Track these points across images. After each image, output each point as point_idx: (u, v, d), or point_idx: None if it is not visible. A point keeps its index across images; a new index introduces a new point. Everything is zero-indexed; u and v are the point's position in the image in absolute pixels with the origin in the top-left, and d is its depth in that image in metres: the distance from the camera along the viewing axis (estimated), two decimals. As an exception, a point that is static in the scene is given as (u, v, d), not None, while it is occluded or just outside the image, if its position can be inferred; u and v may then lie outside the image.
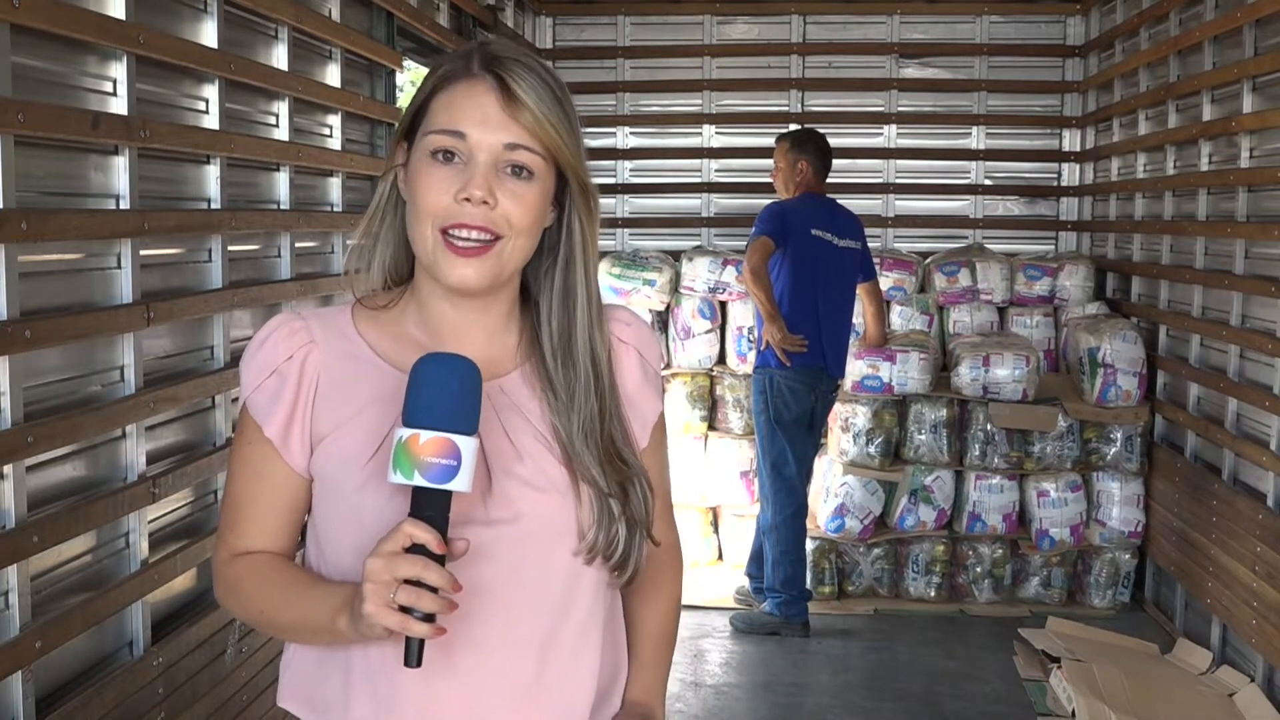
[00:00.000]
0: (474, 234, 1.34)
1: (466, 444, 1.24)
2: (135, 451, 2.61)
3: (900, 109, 6.48)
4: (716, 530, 5.84)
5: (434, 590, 1.21)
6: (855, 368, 5.26)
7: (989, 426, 5.28)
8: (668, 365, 5.77)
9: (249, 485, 1.42)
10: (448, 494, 1.24)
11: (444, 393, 1.25)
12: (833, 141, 5.15)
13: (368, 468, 1.35)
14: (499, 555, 1.36)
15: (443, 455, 1.23)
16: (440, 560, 1.23)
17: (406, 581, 1.21)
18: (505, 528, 1.36)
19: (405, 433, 1.24)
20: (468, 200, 1.32)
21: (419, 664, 1.24)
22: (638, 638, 1.55)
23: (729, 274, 5.76)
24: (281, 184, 3.39)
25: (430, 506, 1.24)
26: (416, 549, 1.22)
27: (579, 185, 1.40)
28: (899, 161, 6.49)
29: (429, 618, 1.22)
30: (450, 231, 1.34)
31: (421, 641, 1.23)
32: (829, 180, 5.08)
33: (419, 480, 1.23)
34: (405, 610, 1.21)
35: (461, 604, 1.29)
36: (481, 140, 1.33)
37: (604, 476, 1.39)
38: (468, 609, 1.32)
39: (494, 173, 1.34)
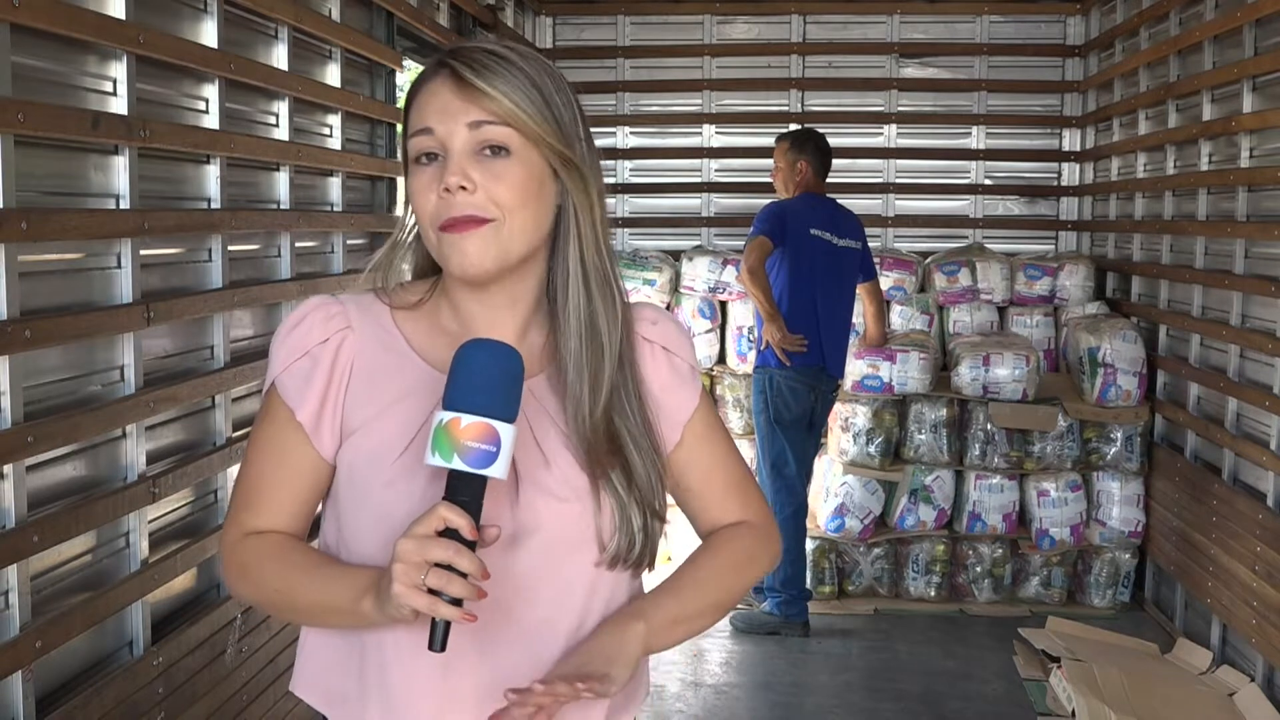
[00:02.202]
0: (462, 222, 1.34)
1: (507, 431, 1.24)
2: (135, 451, 2.61)
3: (900, 109, 6.48)
4: (716, 530, 5.83)
5: (463, 576, 1.21)
6: (855, 367, 5.26)
7: (989, 426, 5.28)
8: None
9: (271, 466, 1.41)
10: (483, 480, 1.24)
11: (488, 377, 1.24)
12: (833, 141, 5.15)
13: (398, 463, 1.34)
14: (520, 561, 1.36)
15: (483, 440, 1.22)
16: (471, 546, 1.22)
17: (437, 565, 1.20)
18: (528, 536, 1.36)
19: (446, 415, 1.23)
20: (448, 191, 1.33)
21: (443, 648, 1.23)
22: (677, 573, 1.47)
23: (729, 274, 5.76)
24: (281, 184, 3.39)
25: (466, 491, 1.23)
26: (449, 533, 1.22)
27: (561, 161, 1.37)
28: (899, 161, 6.49)
29: (456, 603, 1.21)
30: (445, 228, 1.34)
31: (447, 626, 1.23)
32: (829, 180, 5.08)
33: (458, 464, 1.23)
34: (433, 593, 1.20)
35: (479, 608, 1.29)
36: (449, 130, 1.33)
37: (595, 456, 1.37)
38: (485, 613, 1.32)
39: (470, 158, 1.33)
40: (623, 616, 1.40)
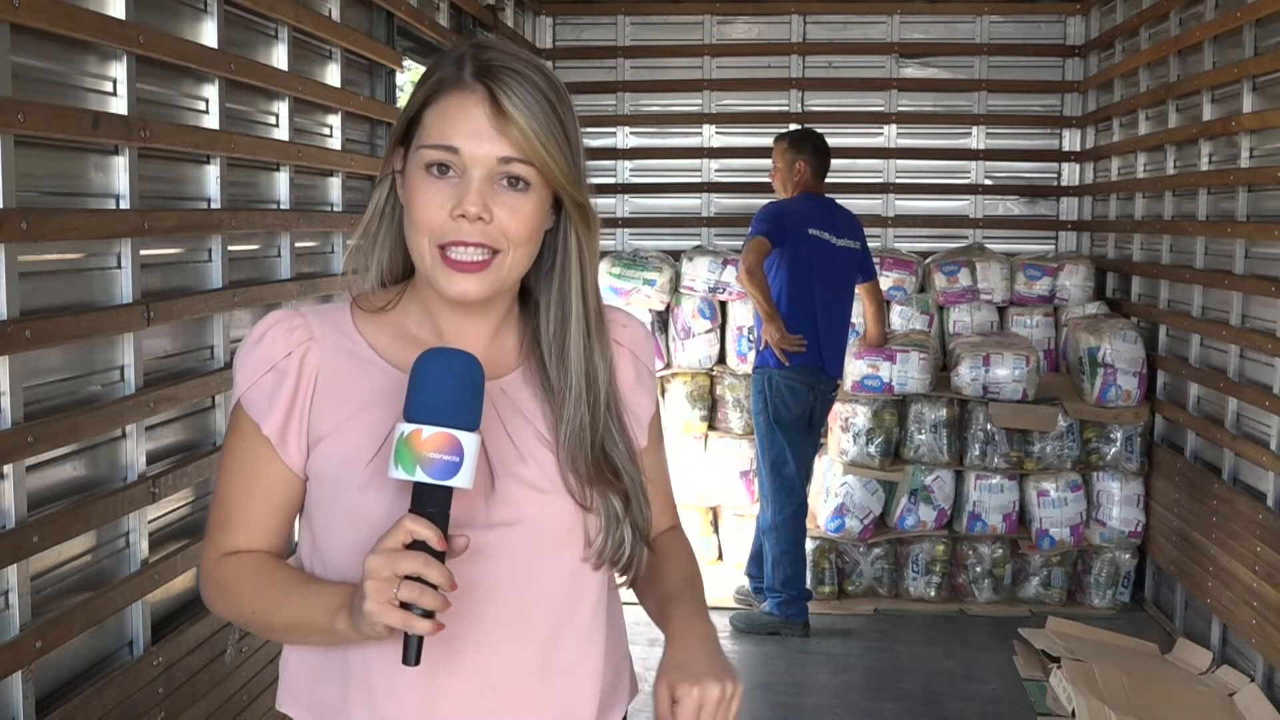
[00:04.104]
0: (471, 250, 1.33)
1: (469, 440, 1.23)
2: (135, 451, 2.61)
3: (900, 109, 6.48)
4: (716, 530, 5.84)
5: (434, 587, 1.21)
6: (855, 367, 5.26)
7: (989, 426, 5.28)
8: (668, 365, 5.77)
9: (242, 484, 1.40)
10: (449, 490, 1.24)
11: (446, 388, 1.24)
12: (833, 141, 5.15)
13: (369, 468, 1.34)
14: (501, 557, 1.35)
15: (445, 451, 1.22)
16: (440, 557, 1.22)
17: (407, 578, 1.20)
18: (507, 530, 1.36)
19: (407, 428, 1.23)
20: (463, 216, 1.31)
21: (418, 662, 1.24)
22: (661, 586, 1.51)
23: (729, 274, 5.76)
24: (281, 184, 3.40)
25: (431, 503, 1.23)
26: (417, 545, 1.21)
27: (572, 203, 1.37)
28: (899, 161, 6.49)
29: (428, 615, 1.21)
30: (448, 248, 1.33)
31: (420, 639, 1.23)
32: (828, 180, 5.08)
33: (421, 476, 1.22)
34: (405, 607, 1.20)
35: (463, 604, 1.28)
36: (475, 154, 1.31)
37: (592, 485, 1.38)
38: (470, 609, 1.32)
39: (489, 186, 1.32)
40: (691, 624, 1.44)
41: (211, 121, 2.97)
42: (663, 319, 5.87)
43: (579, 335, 1.40)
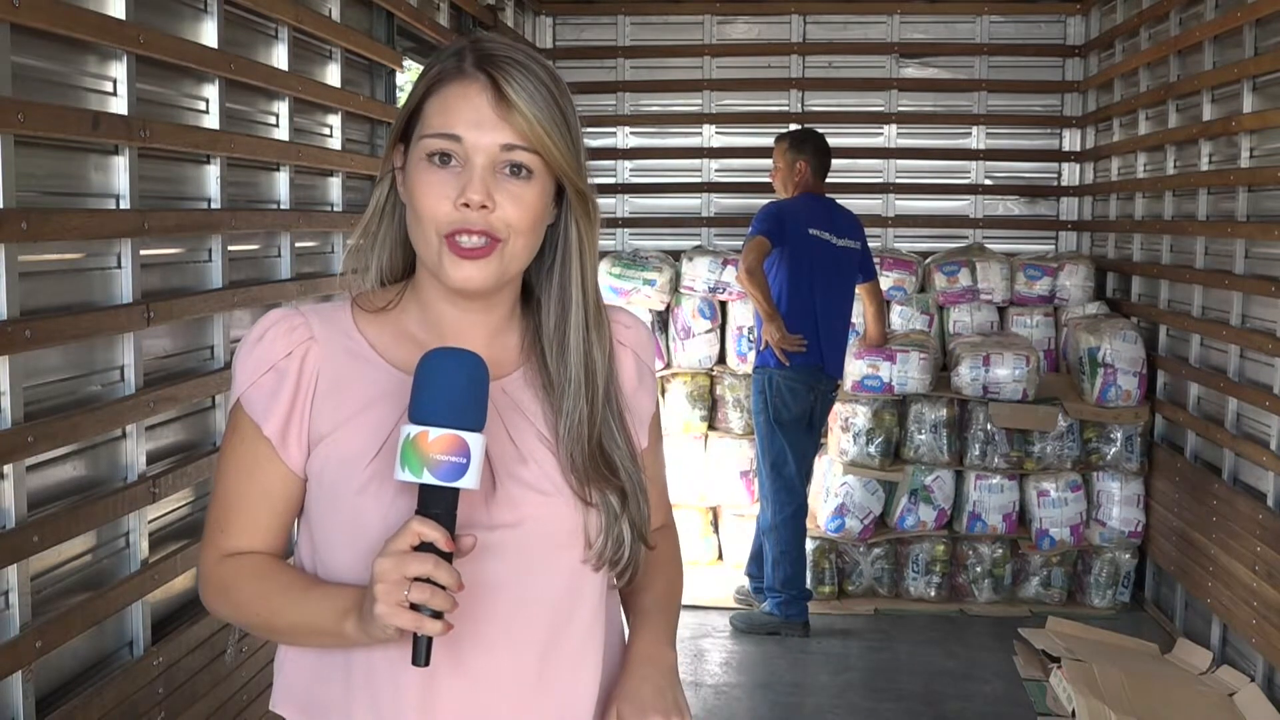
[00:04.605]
0: (475, 238, 1.33)
1: (475, 441, 1.23)
2: (135, 451, 2.61)
3: (900, 109, 6.48)
4: (716, 530, 5.84)
5: (443, 588, 1.21)
6: (855, 367, 5.26)
7: (989, 426, 5.28)
8: (668, 365, 5.77)
9: (242, 485, 1.39)
10: (455, 491, 1.23)
11: (453, 388, 1.23)
12: (833, 141, 5.15)
13: (369, 469, 1.33)
14: (503, 558, 1.35)
15: (452, 453, 1.22)
16: (448, 558, 1.22)
17: (417, 580, 1.20)
18: (508, 531, 1.35)
19: (413, 429, 1.22)
20: (467, 205, 1.31)
21: (427, 663, 1.23)
22: (639, 598, 1.51)
23: (729, 274, 5.76)
24: (281, 184, 3.40)
25: (438, 504, 1.23)
26: (425, 547, 1.21)
27: (574, 190, 1.38)
28: (899, 161, 6.49)
29: (437, 616, 1.21)
30: (455, 235, 1.33)
31: (430, 640, 1.22)
32: (829, 180, 5.08)
33: (428, 478, 1.22)
34: (415, 609, 1.20)
35: (465, 605, 1.28)
36: (477, 142, 1.31)
37: (589, 481, 1.38)
38: (470, 610, 1.32)
39: (491, 174, 1.32)
40: (651, 650, 1.45)
41: (211, 121, 2.97)
42: (663, 319, 5.86)
43: (579, 327, 1.40)
